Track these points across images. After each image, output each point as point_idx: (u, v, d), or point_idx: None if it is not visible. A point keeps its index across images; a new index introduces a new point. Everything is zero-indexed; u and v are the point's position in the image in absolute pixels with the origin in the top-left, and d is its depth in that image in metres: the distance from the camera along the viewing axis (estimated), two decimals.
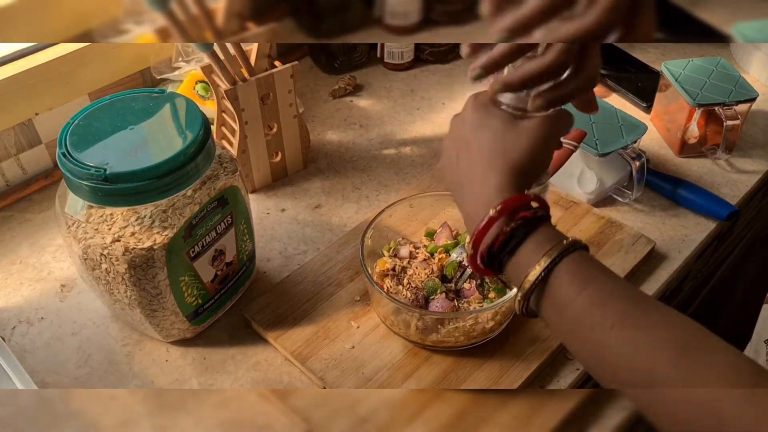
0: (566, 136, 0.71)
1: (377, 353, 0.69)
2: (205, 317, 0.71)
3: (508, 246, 0.49)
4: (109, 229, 0.61)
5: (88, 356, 0.71)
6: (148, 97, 0.65)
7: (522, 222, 0.49)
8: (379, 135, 0.99)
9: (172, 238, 0.61)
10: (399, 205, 0.75)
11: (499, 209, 0.49)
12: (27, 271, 0.79)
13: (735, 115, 0.88)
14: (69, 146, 0.59)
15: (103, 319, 0.74)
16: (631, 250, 0.79)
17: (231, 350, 0.71)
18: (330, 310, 0.73)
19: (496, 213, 0.49)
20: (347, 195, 0.89)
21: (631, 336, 0.44)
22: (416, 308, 0.67)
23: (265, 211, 0.87)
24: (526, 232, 0.49)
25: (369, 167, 0.93)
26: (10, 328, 0.73)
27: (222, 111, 0.85)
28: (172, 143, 0.60)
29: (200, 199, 0.63)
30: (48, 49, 0.85)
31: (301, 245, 0.82)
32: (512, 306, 0.69)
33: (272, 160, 0.88)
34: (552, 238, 0.49)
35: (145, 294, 0.64)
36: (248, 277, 0.76)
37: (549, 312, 0.49)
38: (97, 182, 0.57)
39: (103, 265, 0.62)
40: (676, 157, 0.94)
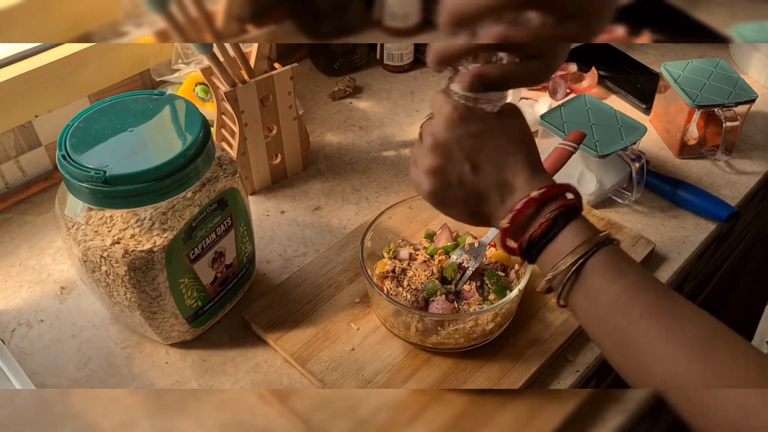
0: (566, 138, 0.71)
1: (377, 355, 0.69)
2: (205, 319, 0.71)
3: (550, 233, 0.51)
4: (108, 231, 0.61)
5: (88, 358, 0.71)
6: (147, 99, 0.65)
7: (563, 210, 0.50)
8: (379, 137, 0.99)
9: (171, 240, 0.61)
10: (399, 207, 0.75)
11: (543, 192, 0.50)
12: (26, 273, 0.79)
13: (734, 117, 0.88)
14: (69, 148, 0.59)
15: (102, 322, 0.74)
16: (631, 251, 0.79)
17: (231, 352, 0.71)
18: (330, 312, 0.73)
19: (539, 195, 0.50)
20: (347, 197, 0.89)
21: (659, 328, 0.46)
22: (416, 310, 0.67)
23: (264, 213, 0.87)
24: (566, 220, 0.50)
25: (369, 169, 0.93)
26: (10, 331, 0.73)
27: (221, 113, 0.85)
28: (172, 145, 0.60)
29: (200, 201, 0.63)
30: (48, 52, 0.85)
31: (301, 247, 0.82)
32: (512, 307, 0.69)
33: (272, 162, 0.89)
34: (588, 227, 0.51)
35: (144, 296, 0.64)
36: (248, 279, 0.76)
37: (578, 299, 0.50)
38: (96, 184, 0.57)
39: (102, 268, 0.62)
40: (675, 159, 0.94)
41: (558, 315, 0.72)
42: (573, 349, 0.71)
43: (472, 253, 0.71)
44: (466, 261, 0.71)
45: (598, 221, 0.82)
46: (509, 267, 0.73)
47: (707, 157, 0.94)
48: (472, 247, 0.72)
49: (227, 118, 0.85)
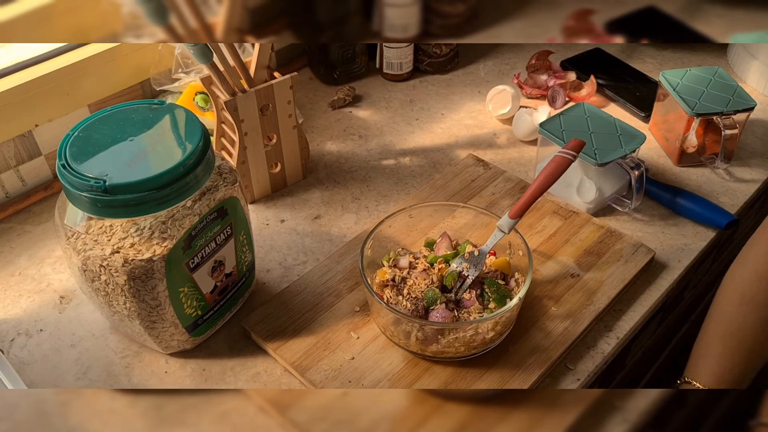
0: (565, 146, 0.72)
1: (377, 364, 0.69)
2: (205, 328, 0.71)
3: None
4: (108, 240, 0.61)
5: (87, 368, 0.70)
6: (147, 108, 0.65)
7: None
8: (379, 145, 0.99)
9: (171, 249, 0.61)
10: (398, 216, 0.75)
11: None
12: (26, 282, 0.79)
13: (733, 125, 0.88)
14: (69, 158, 0.59)
15: (102, 331, 0.74)
16: (631, 259, 0.79)
17: (230, 362, 0.71)
18: (330, 321, 0.73)
19: None
20: (347, 205, 0.89)
21: None
22: (416, 318, 0.67)
23: (264, 222, 0.87)
24: None
25: (368, 177, 0.93)
26: (9, 340, 0.73)
27: (221, 122, 0.85)
28: (172, 154, 0.60)
29: (199, 210, 0.63)
30: (48, 61, 0.85)
31: (301, 256, 0.82)
32: (513, 316, 0.69)
33: (272, 171, 0.89)
34: None
35: (144, 305, 0.64)
36: (247, 287, 0.76)
37: None
38: (96, 193, 0.57)
39: (102, 277, 0.62)
40: (674, 167, 0.95)
41: (558, 323, 0.72)
42: (573, 358, 0.71)
43: (471, 262, 0.71)
44: (466, 269, 0.71)
45: (598, 229, 0.83)
46: (509, 276, 0.73)
47: (706, 165, 0.94)
48: (472, 255, 0.72)
49: (227, 127, 0.85)
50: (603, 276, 0.77)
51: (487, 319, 0.66)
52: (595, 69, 1.07)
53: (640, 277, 0.79)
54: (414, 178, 0.93)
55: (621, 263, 0.79)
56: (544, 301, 0.74)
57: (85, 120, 0.63)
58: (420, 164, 0.96)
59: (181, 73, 0.92)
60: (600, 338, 0.73)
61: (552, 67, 1.09)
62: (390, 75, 1.10)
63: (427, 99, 1.08)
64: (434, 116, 1.04)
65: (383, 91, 1.09)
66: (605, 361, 0.72)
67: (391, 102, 1.07)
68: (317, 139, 0.99)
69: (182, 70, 0.92)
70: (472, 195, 0.88)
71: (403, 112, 1.05)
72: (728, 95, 0.90)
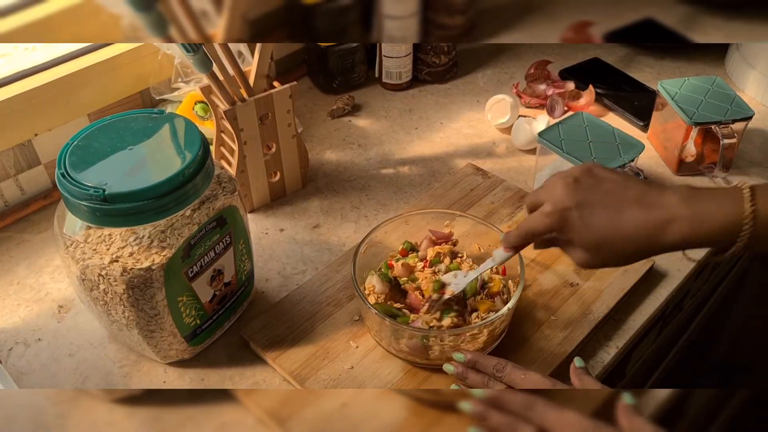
0: None
1: (376, 373, 0.69)
2: (203, 338, 0.71)
3: None
4: (107, 249, 0.61)
5: (86, 378, 0.70)
6: (147, 117, 0.65)
7: None
8: (378, 154, 0.99)
9: (170, 258, 0.61)
10: (394, 222, 0.75)
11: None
12: (24, 291, 0.79)
13: (731, 134, 0.88)
14: (68, 167, 0.59)
15: (100, 340, 0.73)
16: (631, 268, 0.79)
17: (229, 371, 0.71)
18: (329, 330, 0.72)
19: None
20: (346, 214, 0.89)
21: None
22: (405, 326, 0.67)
23: (263, 231, 0.87)
24: None
25: (367, 186, 0.93)
26: (7, 350, 0.73)
27: (221, 131, 0.85)
28: (171, 163, 0.60)
29: (199, 218, 0.63)
30: (48, 71, 0.86)
31: (300, 265, 0.82)
32: (502, 326, 0.69)
33: (271, 180, 0.89)
34: None
35: (143, 314, 0.63)
36: (246, 297, 0.76)
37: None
38: (95, 203, 0.57)
39: (101, 286, 0.62)
40: (673, 176, 0.95)
41: (557, 332, 0.72)
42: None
43: (457, 282, 0.70)
44: (450, 285, 0.70)
45: None
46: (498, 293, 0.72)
47: (705, 174, 0.94)
48: (460, 276, 0.70)
49: (226, 136, 0.85)
50: (602, 285, 0.77)
51: (474, 327, 0.65)
52: (594, 78, 1.08)
53: (640, 286, 0.79)
54: (413, 187, 0.93)
55: (620, 272, 0.78)
56: (542, 311, 0.74)
57: (84, 129, 0.63)
58: (419, 173, 0.96)
59: (180, 83, 0.92)
60: (599, 348, 0.73)
61: (551, 76, 1.09)
62: (389, 84, 1.11)
63: (426, 108, 1.08)
64: (433, 125, 1.04)
65: (382, 100, 1.09)
66: (605, 371, 0.72)
67: (390, 111, 1.07)
68: (316, 148, 1.00)
69: (182, 79, 0.92)
70: (471, 204, 0.88)
71: (402, 122, 1.05)
72: (726, 104, 0.91)
